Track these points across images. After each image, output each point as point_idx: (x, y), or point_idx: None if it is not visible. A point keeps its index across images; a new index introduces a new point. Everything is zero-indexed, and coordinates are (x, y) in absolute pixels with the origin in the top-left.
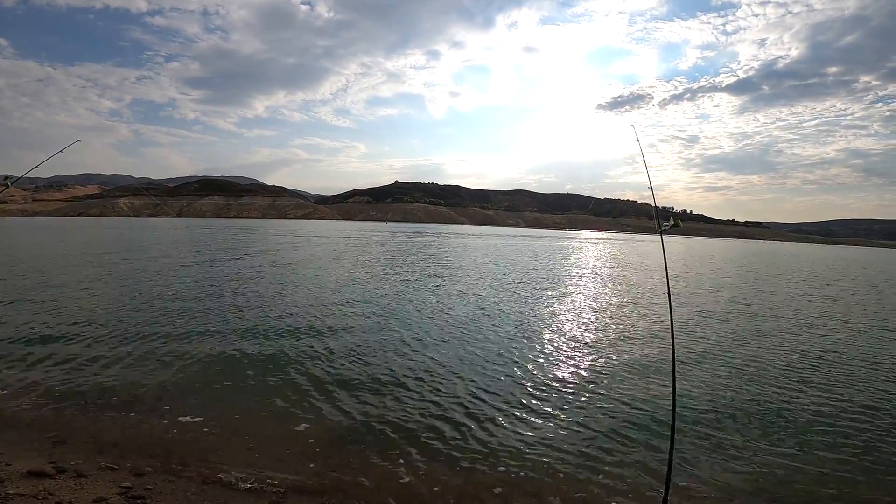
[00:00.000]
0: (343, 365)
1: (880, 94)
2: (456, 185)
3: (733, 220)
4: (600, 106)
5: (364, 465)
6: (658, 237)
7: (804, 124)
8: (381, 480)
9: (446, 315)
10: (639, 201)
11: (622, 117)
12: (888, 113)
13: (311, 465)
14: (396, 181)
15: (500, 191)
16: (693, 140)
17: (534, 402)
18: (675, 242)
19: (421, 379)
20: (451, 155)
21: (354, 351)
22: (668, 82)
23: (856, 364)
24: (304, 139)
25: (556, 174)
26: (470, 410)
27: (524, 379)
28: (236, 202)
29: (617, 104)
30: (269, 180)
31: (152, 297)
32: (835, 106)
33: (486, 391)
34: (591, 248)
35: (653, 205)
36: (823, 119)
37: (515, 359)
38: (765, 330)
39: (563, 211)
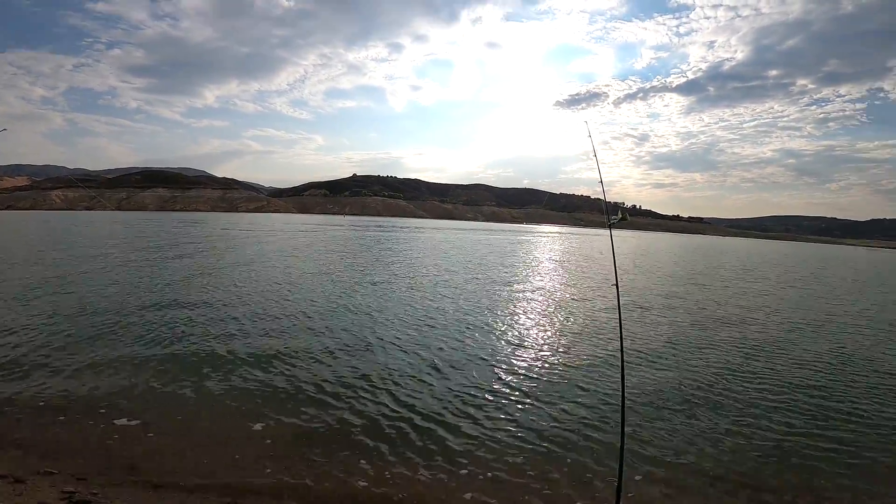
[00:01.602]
0: (298, 366)
1: (815, 97)
2: (415, 179)
3: (678, 216)
4: (558, 103)
5: (323, 466)
6: (608, 231)
7: (744, 125)
8: (339, 483)
9: (404, 312)
10: (592, 196)
11: (578, 114)
12: (821, 115)
13: (268, 468)
14: (354, 174)
15: (459, 185)
16: (644, 138)
17: (490, 399)
18: (626, 236)
19: (378, 380)
20: (411, 148)
21: (309, 352)
22: (622, 81)
23: (794, 351)
24: (258, 130)
25: (515, 169)
26: (426, 412)
27: (479, 377)
28: (183, 195)
29: (574, 102)
30: (220, 172)
31: (81, 298)
32: (773, 108)
33: (443, 391)
34: (546, 242)
35: (603, 200)
36: (761, 120)
37: (470, 356)
38: (708, 320)
39: (521, 205)
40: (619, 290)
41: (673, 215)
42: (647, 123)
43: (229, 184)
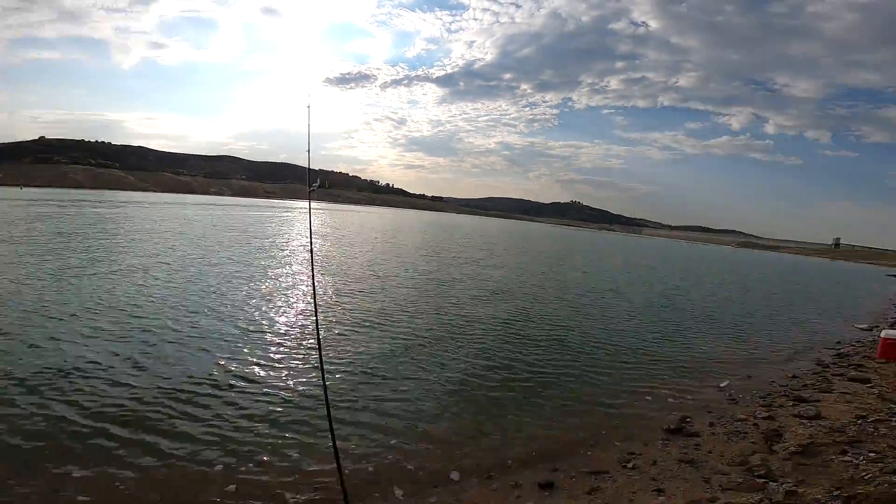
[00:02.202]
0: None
1: (530, 100)
2: (141, 147)
3: (424, 195)
4: (328, 80)
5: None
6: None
7: (479, 118)
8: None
9: (104, 302)
10: (350, 174)
11: (347, 94)
12: (530, 116)
13: None
14: (42, 137)
15: (201, 156)
16: (402, 122)
17: (197, 391)
18: (382, 213)
19: (89, 376)
20: (138, 112)
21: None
22: (393, 67)
23: (500, 318)
24: None
25: (271, 143)
26: (137, 411)
27: (181, 366)
28: None
29: (344, 80)
30: None
31: None
32: (501, 106)
33: (147, 384)
34: (294, 218)
35: (308, 168)
36: (492, 116)
37: (170, 344)
38: (420, 290)
39: (279, 180)
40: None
41: (420, 194)
42: (407, 109)
43: None
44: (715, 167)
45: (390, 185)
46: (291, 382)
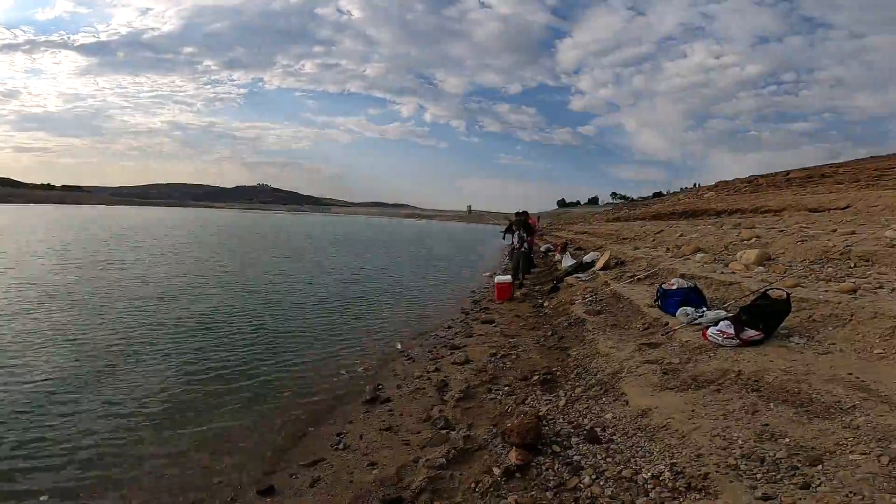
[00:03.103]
0: None
1: (213, 77)
2: None
3: (50, 185)
4: None
5: None
6: None
7: (141, 94)
8: None
9: None
10: None
11: None
12: (212, 94)
13: None
14: None
15: None
16: (12, 95)
17: None
18: None
19: None
20: None
21: None
22: (9, 30)
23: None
24: None
25: None
26: None
27: None
28: None
29: None
30: None
31: None
32: (174, 82)
33: None
34: None
35: None
36: (160, 92)
37: None
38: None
39: None
40: None
41: (44, 184)
42: (24, 79)
43: None
44: (389, 149)
45: None
46: None
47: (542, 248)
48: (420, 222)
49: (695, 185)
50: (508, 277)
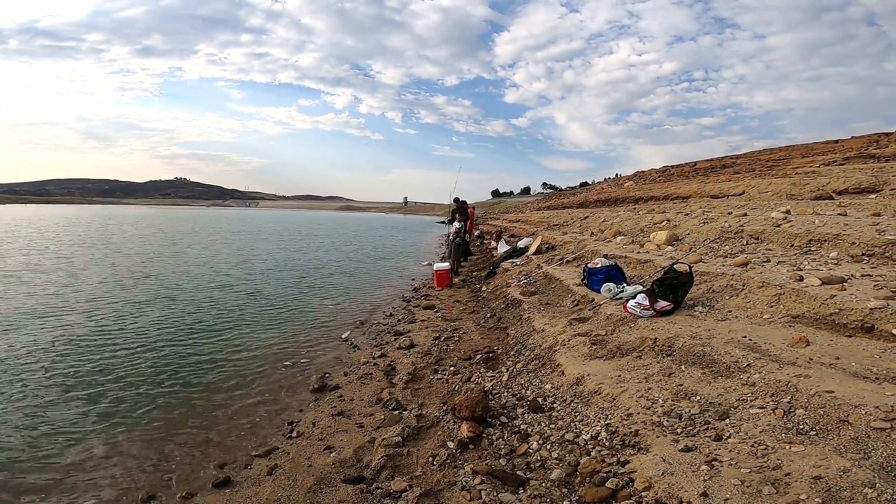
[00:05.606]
0: None
1: (122, 66)
2: None
3: None
4: None
5: None
6: None
7: (36, 85)
8: None
9: None
10: None
11: None
12: (121, 84)
13: None
14: None
15: None
16: None
17: None
18: None
19: None
20: None
21: None
22: None
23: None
24: None
25: None
26: None
27: None
28: None
29: None
30: None
31: None
32: (76, 70)
33: None
34: None
35: None
36: (60, 81)
37: None
38: None
39: None
40: None
41: None
42: None
43: None
44: (322, 141)
45: None
46: None
47: (476, 234)
48: (357, 214)
49: (616, 175)
50: (447, 265)
